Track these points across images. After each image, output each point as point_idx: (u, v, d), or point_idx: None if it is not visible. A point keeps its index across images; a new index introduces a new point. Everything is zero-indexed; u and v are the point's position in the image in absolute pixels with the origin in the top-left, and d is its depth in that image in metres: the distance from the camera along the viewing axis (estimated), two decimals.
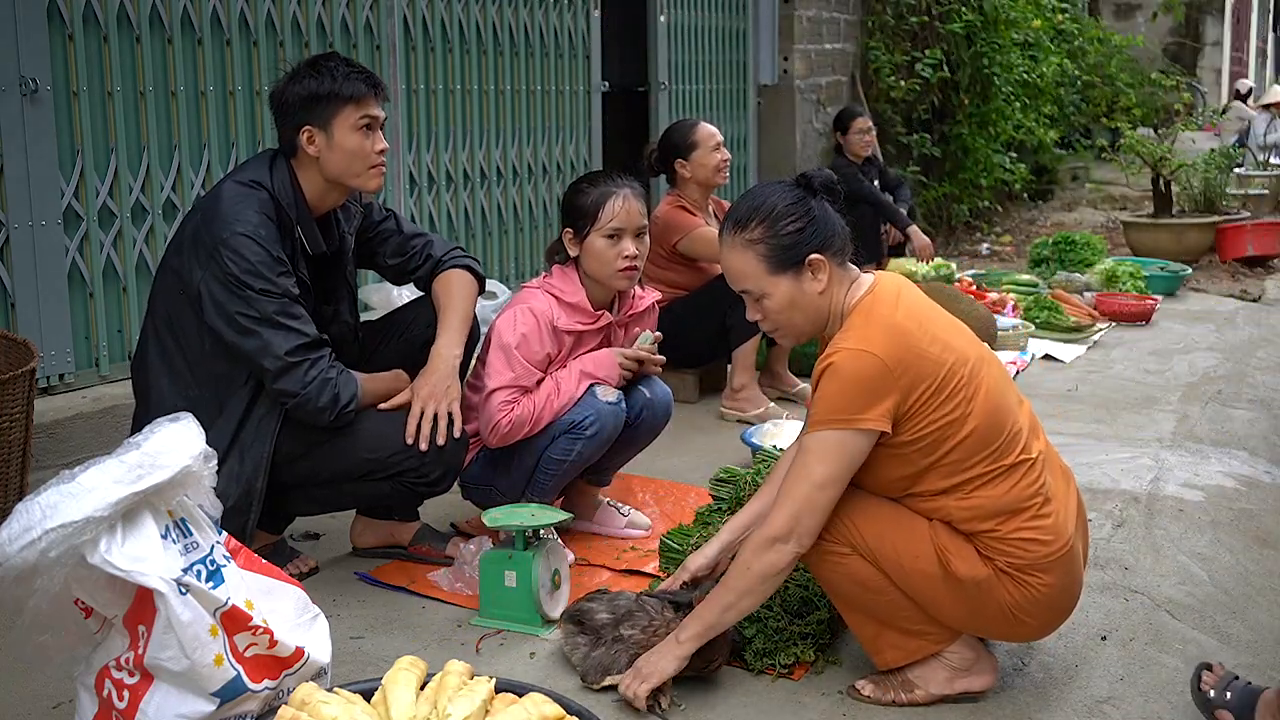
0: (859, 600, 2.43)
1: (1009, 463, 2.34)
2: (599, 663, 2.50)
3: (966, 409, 2.30)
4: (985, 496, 2.33)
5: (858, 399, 2.25)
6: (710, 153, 4.59)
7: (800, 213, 2.38)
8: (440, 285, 3.08)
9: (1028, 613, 2.37)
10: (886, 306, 2.34)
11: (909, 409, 2.28)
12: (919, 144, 8.96)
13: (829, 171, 2.47)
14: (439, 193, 5.47)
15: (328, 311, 3.01)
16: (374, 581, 3.07)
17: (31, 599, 2.01)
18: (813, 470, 2.29)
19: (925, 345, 2.30)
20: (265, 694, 2.19)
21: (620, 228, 3.13)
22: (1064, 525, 2.38)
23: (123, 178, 4.09)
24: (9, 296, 3.78)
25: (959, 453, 2.32)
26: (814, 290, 2.38)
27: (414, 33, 5.28)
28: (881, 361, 2.25)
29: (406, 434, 2.82)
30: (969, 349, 2.38)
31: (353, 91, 2.79)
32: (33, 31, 3.77)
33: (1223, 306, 7.13)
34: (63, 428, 3.71)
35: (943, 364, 2.30)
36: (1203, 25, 18.75)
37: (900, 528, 2.38)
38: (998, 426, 2.34)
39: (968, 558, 2.35)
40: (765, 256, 2.37)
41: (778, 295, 2.39)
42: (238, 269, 2.67)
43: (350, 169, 2.83)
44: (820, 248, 2.37)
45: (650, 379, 3.35)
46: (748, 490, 3.08)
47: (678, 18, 7.11)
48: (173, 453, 2.13)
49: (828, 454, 2.28)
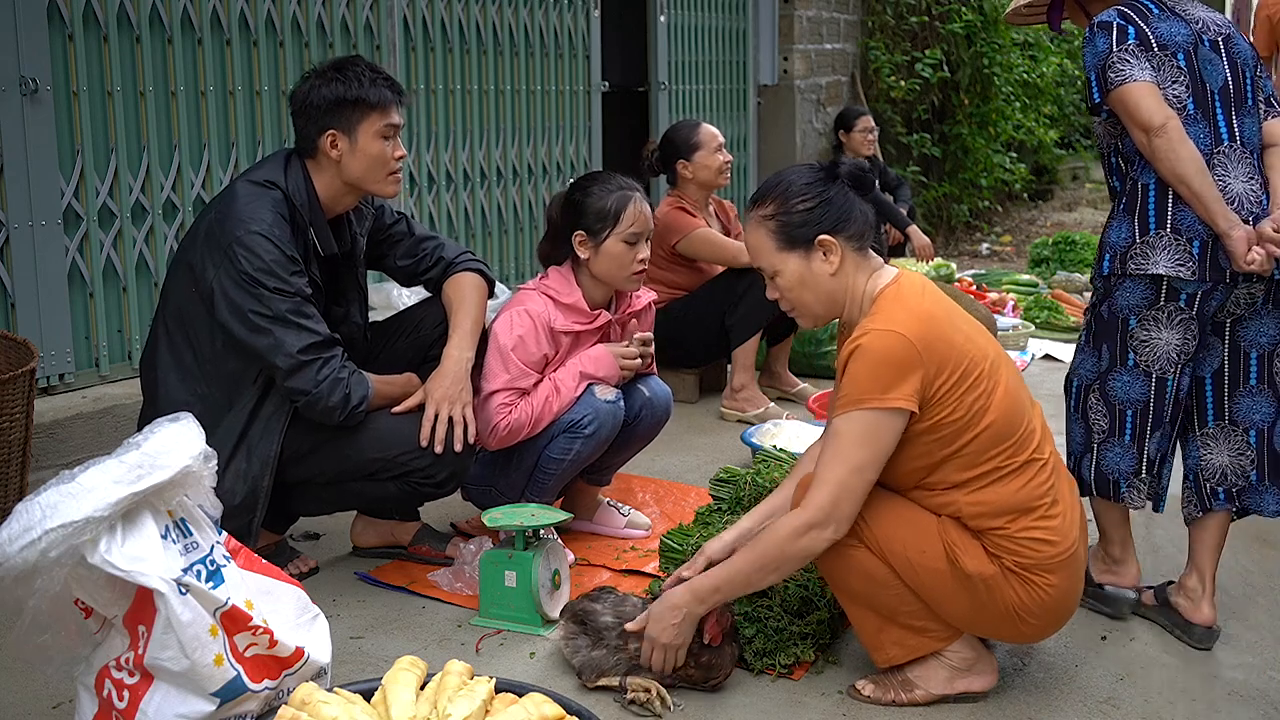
0: (863, 594, 2.43)
1: (1022, 460, 2.35)
2: (595, 663, 2.49)
3: (987, 401, 2.32)
4: (996, 493, 2.34)
5: (886, 377, 2.26)
6: (712, 154, 4.60)
7: (814, 193, 2.39)
8: (451, 287, 3.08)
9: (1031, 613, 2.38)
10: (913, 294, 2.37)
11: (934, 394, 2.29)
12: (919, 144, 8.97)
13: (863, 162, 2.47)
14: (439, 193, 5.47)
15: (338, 312, 3.02)
16: (374, 581, 3.07)
17: (31, 599, 2.01)
18: (848, 454, 2.28)
19: (950, 333, 2.32)
20: (265, 694, 2.19)
21: (639, 232, 3.14)
22: (1071, 528, 2.39)
23: (123, 178, 4.09)
24: (9, 296, 3.78)
25: (976, 445, 2.32)
26: (824, 271, 2.39)
27: (414, 33, 5.28)
28: (909, 341, 2.26)
29: (421, 436, 2.82)
30: (989, 346, 2.41)
31: (379, 98, 2.81)
32: (33, 31, 3.77)
33: None
34: (63, 428, 3.71)
35: (966, 354, 2.32)
36: None
37: (909, 522, 2.38)
38: (1014, 423, 2.35)
39: (976, 554, 2.36)
40: (774, 233, 2.40)
41: (787, 272, 2.41)
42: (251, 267, 2.68)
43: (370, 174, 2.85)
44: (832, 229, 2.38)
45: (649, 378, 3.35)
46: (748, 490, 3.08)
47: (678, 18, 7.11)
48: (173, 453, 2.13)
49: (862, 436, 2.28)
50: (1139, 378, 2.79)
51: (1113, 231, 2.82)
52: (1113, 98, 2.76)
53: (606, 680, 2.48)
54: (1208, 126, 2.76)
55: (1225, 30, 2.85)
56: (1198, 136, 2.73)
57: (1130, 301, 2.78)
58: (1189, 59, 2.78)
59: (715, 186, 4.67)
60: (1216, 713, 2.50)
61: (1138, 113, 2.70)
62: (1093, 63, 2.79)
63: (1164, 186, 2.74)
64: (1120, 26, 2.78)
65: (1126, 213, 2.80)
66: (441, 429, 2.83)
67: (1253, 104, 2.83)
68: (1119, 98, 2.74)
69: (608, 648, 2.49)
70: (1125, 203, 2.81)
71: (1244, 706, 2.53)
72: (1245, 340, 2.84)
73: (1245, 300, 2.78)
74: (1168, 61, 2.77)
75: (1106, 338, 2.85)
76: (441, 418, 2.84)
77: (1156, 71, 2.75)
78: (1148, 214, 2.76)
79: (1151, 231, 2.74)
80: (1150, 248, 2.74)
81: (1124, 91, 2.73)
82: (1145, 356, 2.78)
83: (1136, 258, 2.75)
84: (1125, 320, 2.79)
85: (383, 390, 2.86)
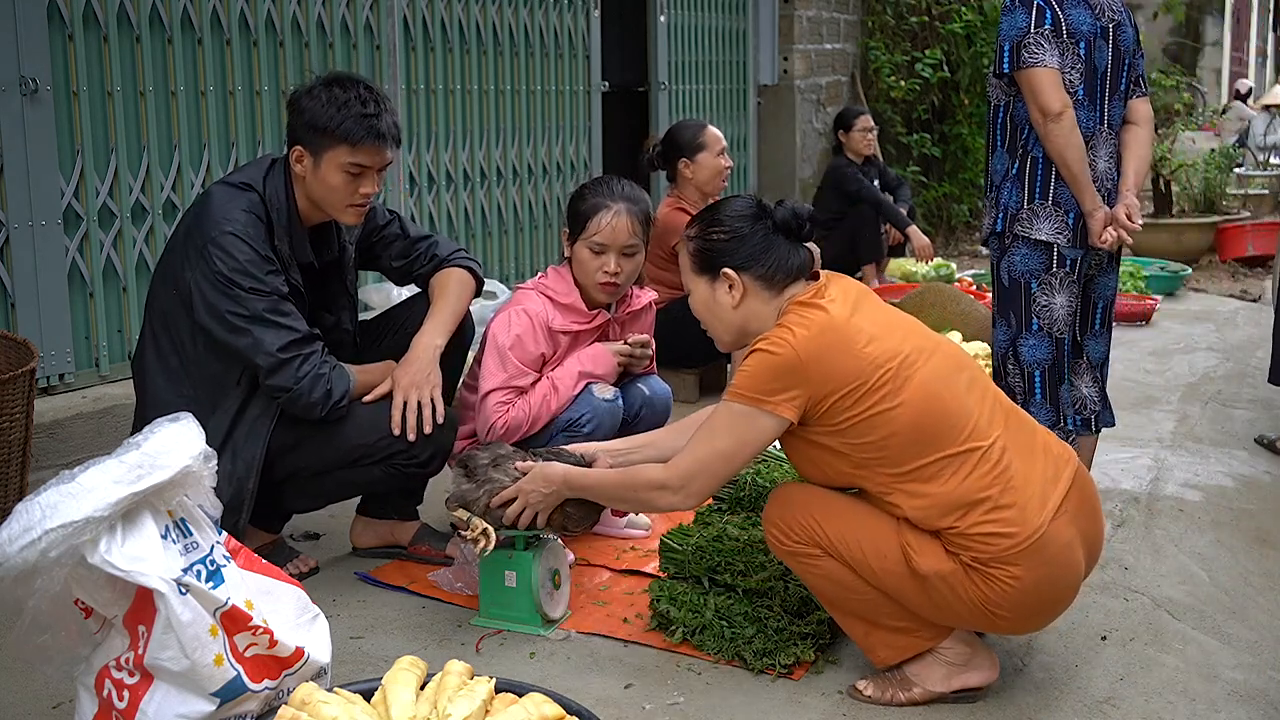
0: (841, 600, 2.45)
1: (952, 452, 2.32)
2: (462, 495, 2.70)
3: (894, 402, 2.31)
4: (934, 491, 2.32)
5: (768, 381, 2.34)
6: (715, 157, 4.62)
7: (732, 227, 2.48)
8: (436, 281, 3.09)
9: (1000, 606, 2.33)
10: (818, 304, 2.40)
11: (826, 406, 2.32)
12: (919, 144, 8.96)
13: (806, 207, 2.52)
14: (439, 193, 5.47)
15: (328, 319, 3.02)
16: (374, 581, 3.07)
17: (31, 599, 2.01)
18: (719, 437, 2.40)
19: (850, 343, 2.34)
20: (265, 694, 2.19)
21: (604, 244, 3.12)
22: (1029, 515, 2.31)
23: (123, 178, 4.09)
24: (9, 296, 3.78)
25: (896, 444, 2.32)
26: (726, 302, 2.49)
27: (414, 33, 5.28)
28: (797, 355, 2.32)
29: (392, 425, 2.83)
30: (903, 343, 2.38)
31: (351, 135, 2.74)
32: (33, 31, 3.77)
33: (1223, 306, 7.13)
34: (63, 428, 3.71)
35: (868, 359, 2.33)
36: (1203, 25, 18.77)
37: (864, 526, 2.38)
38: (937, 417, 2.33)
39: (934, 553, 2.34)
40: (692, 254, 2.53)
41: (695, 294, 2.55)
42: (226, 268, 2.69)
43: (327, 201, 2.83)
44: (738, 265, 2.46)
45: (649, 377, 3.35)
46: (747, 490, 3.08)
47: (678, 18, 7.11)
48: (173, 453, 2.13)
49: (735, 425, 2.38)
50: (1043, 340, 3.27)
51: (1005, 193, 3.27)
52: (1021, 76, 3.15)
53: (462, 511, 2.69)
54: (1093, 110, 3.22)
55: (1117, 17, 3.25)
56: (1084, 120, 3.19)
57: (1030, 266, 3.24)
58: (1089, 47, 3.18)
59: (713, 190, 4.67)
60: (1216, 713, 2.50)
61: (1040, 95, 3.10)
62: (1010, 35, 3.16)
63: (1049, 162, 3.19)
64: (1040, 8, 3.14)
65: (1018, 178, 3.25)
66: (412, 416, 2.84)
67: (1125, 88, 3.29)
68: (1027, 78, 3.13)
69: (476, 482, 2.70)
70: (1017, 170, 3.26)
71: (1244, 706, 2.53)
72: (1095, 293, 3.39)
73: (1096, 262, 3.33)
74: (1071, 49, 3.16)
75: (1011, 305, 3.29)
76: (410, 404, 2.84)
77: (1061, 58, 3.14)
78: (1035, 184, 3.23)
79: (1037, 200, 3.22)
80: (1035, 215, 3.22)
81: (1033, 74, 3.12)
82: (1045, 320, 3.25)
83: (1023, 222, 3.24)
84: (1027, 285, 3.25)
85: (364, 380, 2.88)
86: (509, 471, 2.69)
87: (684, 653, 2.68)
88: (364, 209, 2.87)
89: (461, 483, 2.73)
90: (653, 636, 2.75)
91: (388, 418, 2.84)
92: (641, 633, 2.77)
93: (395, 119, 2.84)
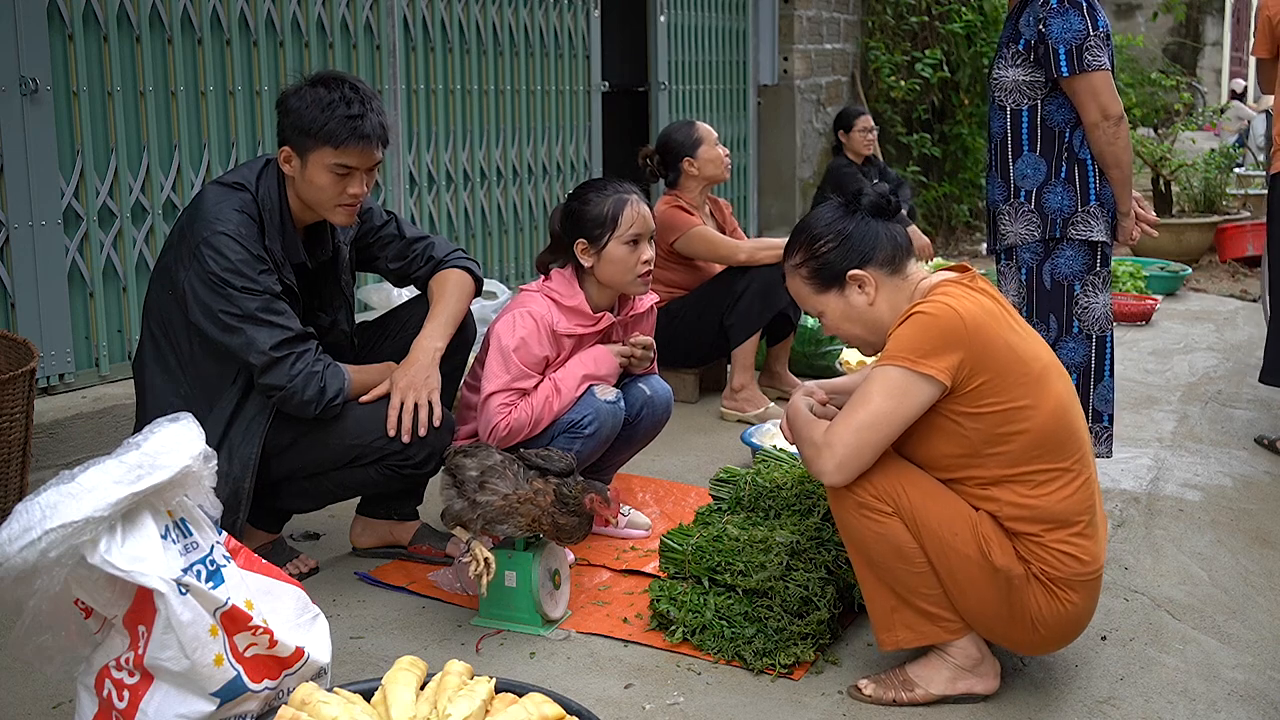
0: (887, 566, 2.42)
1: (1064, 466, 2.35)
2: (457, 513, 2.72)
3: (1035, 400, 2.32)
4: (1040, 497, 2.34)
5: (927, 343, 2.30)
6: (713, 147, 4.65)
7: (833, 233, 2.47)
8: (435, 282, 3.08)
9: (1046, 624, 2.38)
10: (971, 285, 2.42)
11: (976, 383, 2.30)
12: (919, 144, 8.96)
13: (885, 185, 2.54)
14: (439, 193, 5.47)
15: (325, 320, 3.02)
16: (374, 581, 3.07)
17: (31, 599, 2.01)
18: (872, 399, 2.33)
19: (1003, 330, 2.35)
20: (265, 694, 2.19)
21: (639, 233, 3.14)
22: (1099, 550, 2.40)
23: (123, 178, 4.09)
24: (9, 296, 3.78)
25: (1021, 443, 2.33)
26: (863, 303, 2.47)
27: (414, 33, 5.28)
28: (960, 317, 2.30)
29: (388, 426, 2.83)
30: (1042, 351, 2.43)
31: (335, 136, 2.72)
32: (33, 31, 3.77)
33: (1223, 306, 7.13)
34: (63, 428, 3.71)
35: (1015, 350, 2.34)
36: (1203, 25, 18.75)
37: (947, 504, 2.38)
38: (1064, 429, 2.36)
39: (1007, 552, 2.36)
40: (808, 279, 2.51)
41: (830, 312, 2.51)
42: (218, 267, 2.69)
43: (316, 201, 2.83)
44: (860, 263, 2.45)
45: (650, 377, 3.35)
46: (747, 490, 3.08)
47: (678, 18, 7.11)
48: (173, 453, 2.13)
49: (888, 388, 2.32)
50: (1082, 343, 3.36)
51: (1053, 198, 3.31)
52: (1083, 79, 3.17)
53: (460, 531, 2.72)
54: None
55: None
56: None
57: (1074, 268, 3.32)
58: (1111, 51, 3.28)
59: (720, 179, 4.69)
60: (1216, 713, 2.50)
61: (1103, 98, 3.16)
62: (1066, 38, 3.16)
63: (1093, 163, 3.26)
64: (1090, 10, 3.17)
65: (1068, 182, 3.29)
66: (408, 418, 2.84)
67: None
68: (1089, 81, 3.16)
69: (468, 501, 2.69)
70: (1065, 173, 3.30)
71: (1244, 706, 2.53)
72: None
73: None
74: (1110, 53, 3.26)
75: (1053, 307, 3.35)
76: (407, 406, 2.84)
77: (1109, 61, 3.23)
78: (1088, 187, 3.29)
79: (1092, 202, 3.28)
80: (1091, 216, 3.29)
81: (1097, 77, 3.15)
82: (1086, 321, 3.35)
83: (1079, 225, 3.29)
84: (1070, 286, 3.33)
85: (361, 380, 2.88)
86: (497, 489, 2.69)
87: (684, 653, 2.68)
88: (354, 209, 2.87)
89: (451, 495, 2.74)
90: (653, 636, 2.75)
91: (384, 418, 2.84)
92: (641, 633, 2.77)
93: (382, 119, 2.82)
